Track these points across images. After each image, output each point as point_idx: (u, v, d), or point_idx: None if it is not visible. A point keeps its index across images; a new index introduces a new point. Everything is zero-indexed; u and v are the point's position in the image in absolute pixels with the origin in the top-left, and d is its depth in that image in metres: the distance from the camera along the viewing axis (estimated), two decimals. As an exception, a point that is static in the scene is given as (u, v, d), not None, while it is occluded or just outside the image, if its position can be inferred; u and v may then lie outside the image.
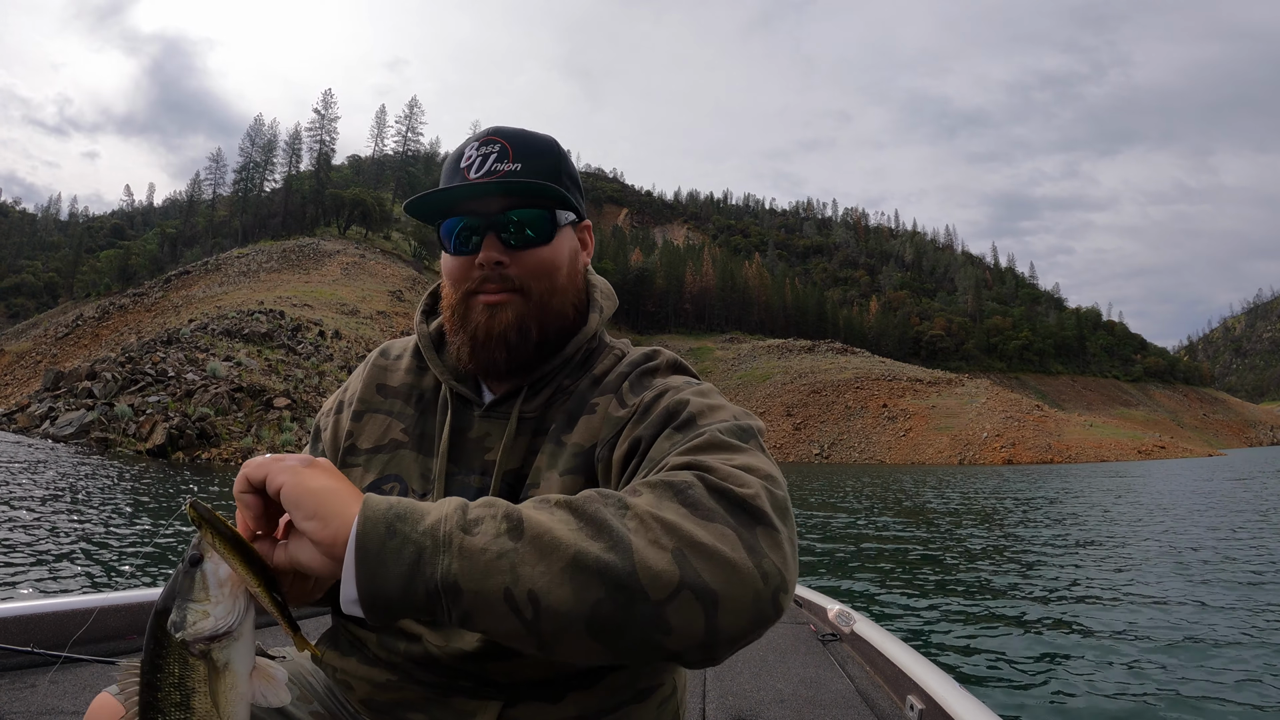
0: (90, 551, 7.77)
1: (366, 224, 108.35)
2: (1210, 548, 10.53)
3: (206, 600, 0.65)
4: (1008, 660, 5.16)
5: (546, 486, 0.92)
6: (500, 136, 0.97)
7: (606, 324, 1.09)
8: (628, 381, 0.96)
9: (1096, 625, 6.11)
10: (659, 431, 0.85)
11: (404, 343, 1.15)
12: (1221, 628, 5.99)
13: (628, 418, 0.90)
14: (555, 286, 0.99)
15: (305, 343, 39.64)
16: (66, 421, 23.14)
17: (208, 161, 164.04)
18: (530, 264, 0.96)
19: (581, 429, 0.94)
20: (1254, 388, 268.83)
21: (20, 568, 6.72)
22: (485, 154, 0.96)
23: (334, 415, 1.12)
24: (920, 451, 74.92)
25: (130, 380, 26.26)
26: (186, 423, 23.42)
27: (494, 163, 0.95)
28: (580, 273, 1.05)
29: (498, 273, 0.95)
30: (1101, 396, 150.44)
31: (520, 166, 0.95)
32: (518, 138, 0.98)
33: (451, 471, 0.97)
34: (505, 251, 0.95)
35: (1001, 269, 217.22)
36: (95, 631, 2.18)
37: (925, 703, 1.95)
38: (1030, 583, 8.04)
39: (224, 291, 74.19)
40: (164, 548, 8.26)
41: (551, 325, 0.99)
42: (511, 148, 0.96)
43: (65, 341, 75.83)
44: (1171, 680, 4.70)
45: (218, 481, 16.69)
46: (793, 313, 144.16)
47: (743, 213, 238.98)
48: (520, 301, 0.96)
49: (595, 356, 1.04)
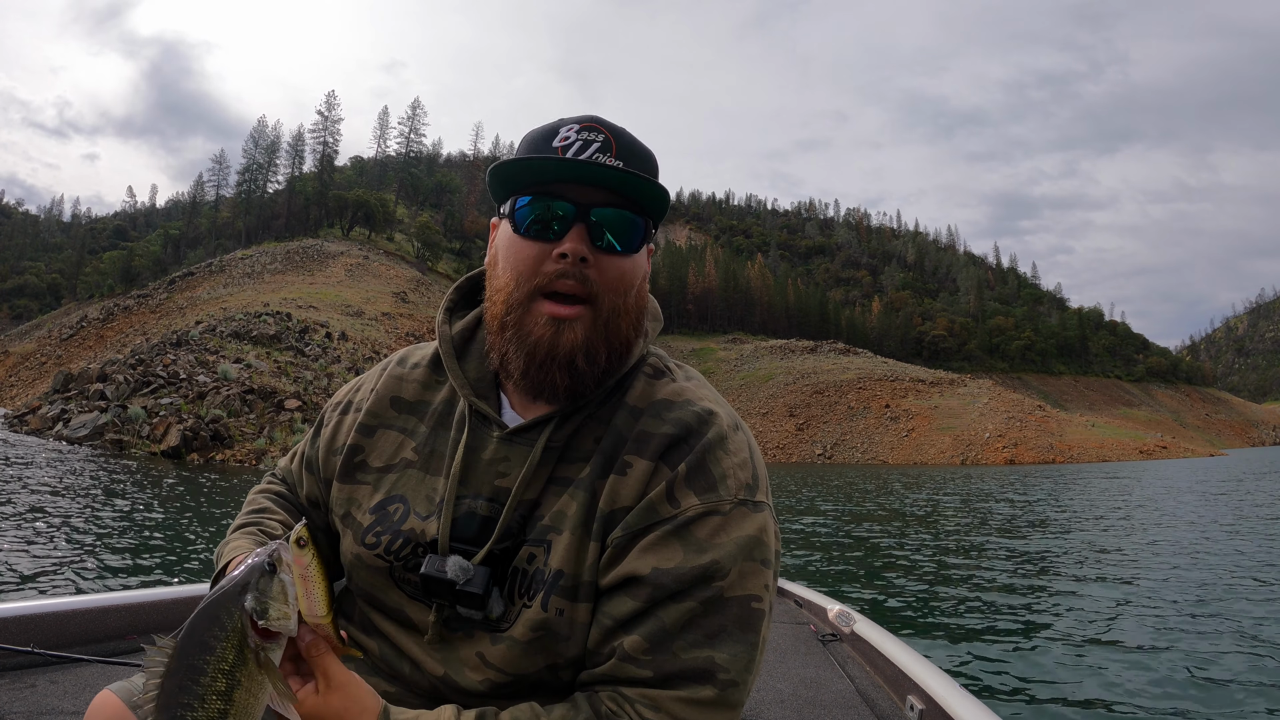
0: (118, 550, 7.97)
1: (370, 225, 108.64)
2: (1211, 547, 10.57)
3: (285, 604, 0.68)
4: (1008, 660, 5.17)
5: (559, 540, 0.88)
6: (603, 127, 0.90)
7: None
8: (683, 469, 0.86)
9: (1097, 626, 6.12)
10: (672, 598, 0.82)
11: (424, 350, 1.09)
12: (1222, 628, 6.01)
13: (654, 522, 0.85)
14: (626, 305, 0.91)
15: (313, 344, 39.94)
16: (80, 423, 23.36)
17: (209, 163, 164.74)
18: (611, 271, 0.89)
19: (610, 490, 0.88)
20: (1256, 387, 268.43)
21: (59, 565, 6.92)
22: (586, 140, 0.89)
23: (339, 413, 1.08)
24: (923, 452, 75.01)
25: (142, 382, 26.50)
26: (200, 424, 23.65)
27: (595, 152, 0.88)
28: (645, 297, 0.96)
29: (579, 270, 0.87)
30: (1104, 397, 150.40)
31: (622, 165, 0.88)
32: (622, 136, 0.91)
33: (460, 494, 0.92)
34: (591, 250, 0.87)
35: (1004, 269, 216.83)
36: (95, 631, 2.18)
37: (925, 703, 1.94)
38: (1030, 583, 8.09)
39: (229, 293, 74.51)
40: (188, 545, 8.46)
41: (616, 349, 0.91)
42: (616, 143, 0.89)
43: (70, 343, 76.21)
44: (1172, 680, 4.72)
45: (235, 482, 16.93)
46: (795, 313, 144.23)
47: (745, 213, 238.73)
48: (590, 317, 0.88)
49: (629, 376, 0.95)
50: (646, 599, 0.82)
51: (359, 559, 0.96)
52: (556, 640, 0.86)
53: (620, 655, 0.82)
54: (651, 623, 0.82)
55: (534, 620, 0.86)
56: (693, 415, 0.90)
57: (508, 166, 0.88)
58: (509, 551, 0.89)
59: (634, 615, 0.83)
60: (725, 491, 0.86)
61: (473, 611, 0.88)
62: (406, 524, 0.94)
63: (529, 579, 0.87)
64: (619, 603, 0.84)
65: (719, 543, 0.83)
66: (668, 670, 0.80)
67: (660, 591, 0.82)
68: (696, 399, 0.92)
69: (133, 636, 2.24)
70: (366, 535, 0.95)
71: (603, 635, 0.85)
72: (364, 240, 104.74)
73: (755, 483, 0.88)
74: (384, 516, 0.96)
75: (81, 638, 2.15)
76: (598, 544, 0.87)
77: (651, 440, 0.88)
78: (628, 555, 0.84)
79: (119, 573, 6.94)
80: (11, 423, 26.48)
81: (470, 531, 0.90)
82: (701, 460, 0.86)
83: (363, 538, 0.96)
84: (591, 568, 0.86)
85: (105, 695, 0.90)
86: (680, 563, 0.82)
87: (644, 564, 0.83)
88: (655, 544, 0.83)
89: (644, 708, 0.80)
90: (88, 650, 2.11)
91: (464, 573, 0.86)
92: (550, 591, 0.86)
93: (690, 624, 0.81)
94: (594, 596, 0.86)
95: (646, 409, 0.91)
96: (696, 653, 0.80)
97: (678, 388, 0.94)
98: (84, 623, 2.16)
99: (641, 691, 0.81)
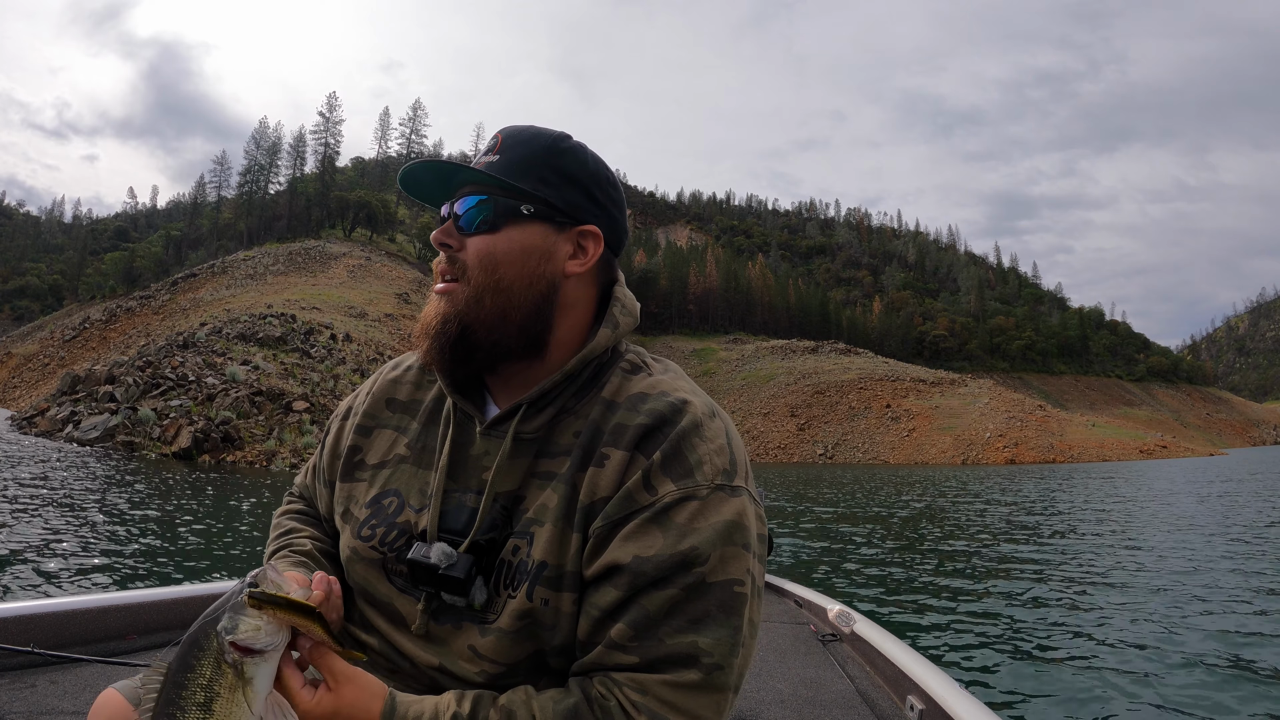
0: (144, 550, 8.14)
1: (372, 226, 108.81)
2: (1212, 549, 10.64)
3: (259, 619, 0.74)
4: (1008, 661, 5.18)
5: (541, 532, 0.90)
6: (503, 131, 0.96)
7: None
8: (658, 457, 0.88)
9: (1097, 626, 6.15)
10: (654, 585, 0.84)
11: (415, 355, 1.12)
12: (1223, 629, 6.03)
13: (632, 510, 0.87)
14: (495, 283, 0.93)
15: (318, 346, 40.02)
16: (91, 425, 23.55)
17: (209, 164, 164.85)
18: (471, 251, 0.93)
19: (589, 482, 0.90)
20: (1257, 387, 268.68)
21: (76, 565, 7.09)
22: (486, 150, 0.96)
23: (340, 420, 1.14)
24: (923, 452, 75.20)
25: (151, 384, 26.68)
26: (210, 426, 23.85)
27: (483, 155, 0.95)
28: (545, 276, 0.95)
29: (447, 254, 0.95)
30: (1105, 396, 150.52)
31: (498, 159, 0.94)
32: (515, 133, 0.96)
33: (450, 489, 0.96)
34: (456, 236, 0.94)
35: (1004, 269, 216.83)
36: (95, 631, 2.18)
37: (925, 703, 1.95)
38: (1031, 583, 8.12)
39: (232, 294, 74.64)
40: (215, 548, 8.62)
41: (485, 323, 0.93)
42: (502, 139, 0.95)
43: (73, 344, 76.28)
44: (1173, 681, 4.73)
45: (246, 483, 17.11)
46: (796, 313, 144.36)
47: (745, 213, 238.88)
48: (459, 291, 0.94)
49: (605, 371, 0.98)
50: (629, 587, 0.84)
51: (355, 552, 0.99)
52: (542, 629, 0.89)
53: (607, 643, 0.85)
54: (635, 610, 0.84)
55: (519, 610, 0.89)
56: (667, 405, 0.91)
57: (403, 189, 0.99)
58: (495, 543, 0.92)
59: (618, 604, 0.85)
60: (701, 477, 0.87)
61: (456, 598, 0.91)
62: (401, 516, 0.98)
63: (513, 570, 0.90)
64: (603, 593, 0.86)
65: (697, 528, 0.85)
66: (653, 655, 0.83)
67: (642, 579, 0.84)
68: (671, 389, 0.94)
69: (133, 636, 2.26)
70: (362, 528, 1.00)
71: (591, 626, 0.87)
72: (366, 241, 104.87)
73: (733, 468, 0.90)
74: (379, 510, 1.00)
75: (81, 638, 2.15)
76: (579, 535, 0.89)
77: (627, 431, 0.90)
78: (609, 545, 0.86)
79: (139, 574, 7.10)
80: (20, 424, 26.62)
81: (459, 523, 0.93)
82: (677, 447, 0.88)
83: (359, 531, 1.00)
84: (574, 558, 0.88)
85: (109, 693, 0.92)
86: (660, 550, 0.84)
87: (625, 553, 0.85)
88: (635, 532, 0.85)
89: (631, 691, 0.83)
90: (88, 650, 2.13)
91: (447, 558, 0.90)
92: (535, 582, 0.88)
93: (673, 610, 0.83)
94: (578, 586, 0.89)
95: (623, 402, 0.94)
96: (681, 638, 0.83)
97: (653, 380, 0.96)
98: (84, 623, 2.17)
99: (629, 676, 0.84)
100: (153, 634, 2.32)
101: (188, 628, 0.72)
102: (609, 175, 1.00)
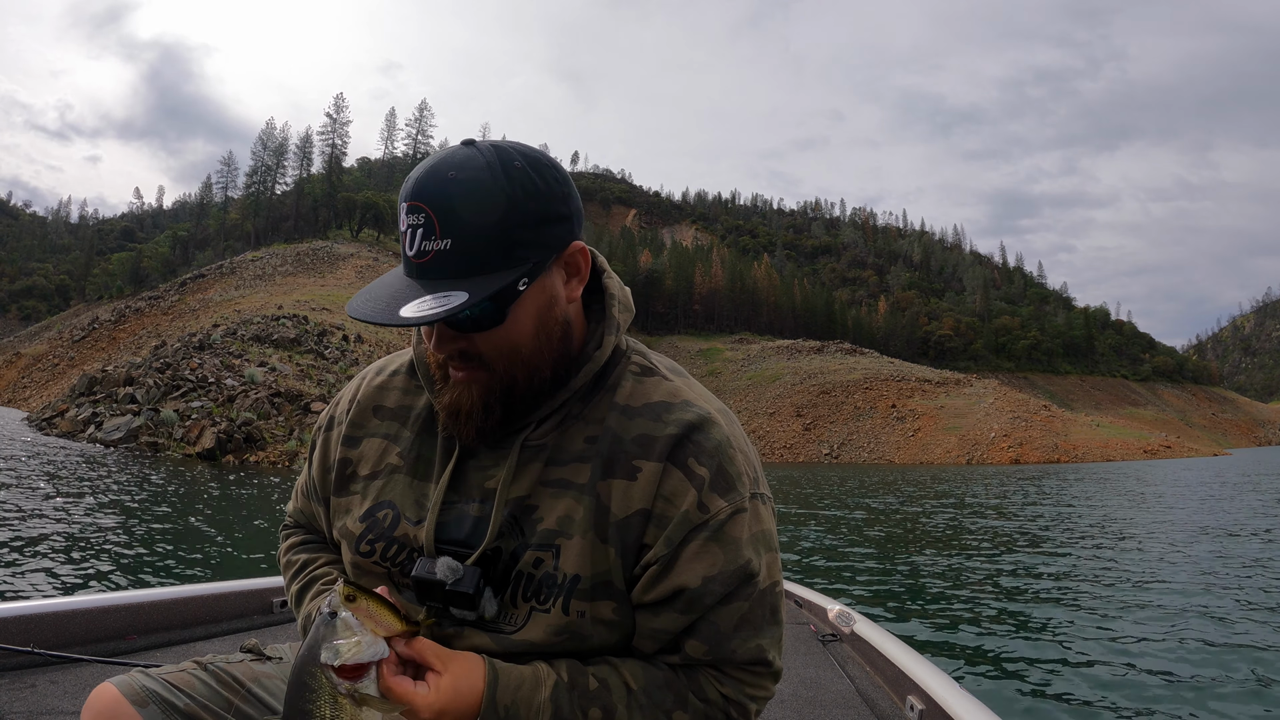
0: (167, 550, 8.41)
1: (379, 227, 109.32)
2: (1211, 550, 10.66)
3: (352, 635, 0.73)
4: (1009, 661, 5.19)
5: (569, 545, 0.89)
6: (424, 203, 0.81)
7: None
8: (706, 474, 0.88)
9: (1098, 626, 6.18)
10: (722, 601, 0.88)
11: (401, 358, 1.08)
12: (1222, 629, 6.07)
13: (691, 530, 0.87)
14: (523, 360, 0.89)
15: (331, 347, 40.43)
16: (114, 426, 23.90)
17: (215, 165, 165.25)
18: (488, 345, 0.87)
19: (621, 495, 0.89)
20: (1263, 387, 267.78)
21: (108, 562, 7.36)
22: (413, 226, 0.82)
23: (324, 432, 1.09)
24: (928, 451, 75.34)
25: (172, 386, 27.05)
26: (233, 427, 24.22)
27: (421, 241, 0.82)
28: (559, 320, 0.91)
29: (459, 355, 0.88)
30: (1110, 396, 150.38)
31: (449, 244, 0.81)
32: (444, 203, 0.81)
33: (450, 499, 0.94)
34: (460, 336, 0.86)
35: (1009, 268, 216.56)
36: (95, 631, 2.19)
37: (925, 703, 1.97)
38: (1031, 583, 8.17)
39: (241, 295, 75.09)
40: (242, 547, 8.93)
41: (521, 391, 0.91)
42: (437, 219, 0.81)
43: (82, 344, 76.69)
44: (1173, 681, 4.76)
45: (268, 483, 17.45)
46: (801, 313, 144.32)
47: (750, 213, 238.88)
48: (485, 378, 0.89)
49: (610, 371, 0.96)
50: (701, 607, 0.87)
51: (357, 567, 0.98)
52: (581, 640, 0.90)
53: (682, 656, 0.90)
54: (707, 628, 0.88)
55: (556, 625, 0.88)
56: (695, 415, 0.91)
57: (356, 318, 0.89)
58: (501, 552, 0.90)
59: (690, 626, 0.88)
60: (743, 488, 0.89)
61: (465, 612, 0.90)
62: (398, 530, 0.95)
63: (536, 583, 0.89)
64: (671, 618, 0.88)
65: (747, 539, 0.88)
66: (725, 659, 0.90)
67: (711, 598, 0.87)
68: (693, 399, 0.94)
69: (133, 636, 2.26)
70: (360, 543, 0.97)
71: (660, 646, 0.91)
72: (373, 242, 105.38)
73: (756, 474, 0.93)
74: (374, 523, 0.97)
75: (81, 638, 2.16)
76: (614, 548, 0.88)
77: (656, 442, 0.89)
78: (674, 568, 0.87)
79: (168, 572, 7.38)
80: (39, 425, 26.95)
81: (462, 534, 0.92)
82: (718, 463, 0.89)
83: (357, 546, 0.97)
84: (614, 571, 0.89)
85: (104, 687, 0.91)
86: (723, 566, 0.87)
87: (693, 575, 0.86)
88: (698, 552, 0.87)
89: (713, 674, 0.91)
90: (88, 650, 2.13)
91: (453, 573, 0.88)
92: (570, 596, 0.88)
93: (741, 623, 0.89)
94: (614, 595, 0.89)
95: (642, 409, 0.92)
96: (748, 644, 0.89)
97: (672, 387, 0.95)
98: (84, 623, 2.17)
99: (705, 671, 0.91)
100: (153, 634, 2.34)
101: (188, 628, 0.68)
102: (550, 165, 0.87)
